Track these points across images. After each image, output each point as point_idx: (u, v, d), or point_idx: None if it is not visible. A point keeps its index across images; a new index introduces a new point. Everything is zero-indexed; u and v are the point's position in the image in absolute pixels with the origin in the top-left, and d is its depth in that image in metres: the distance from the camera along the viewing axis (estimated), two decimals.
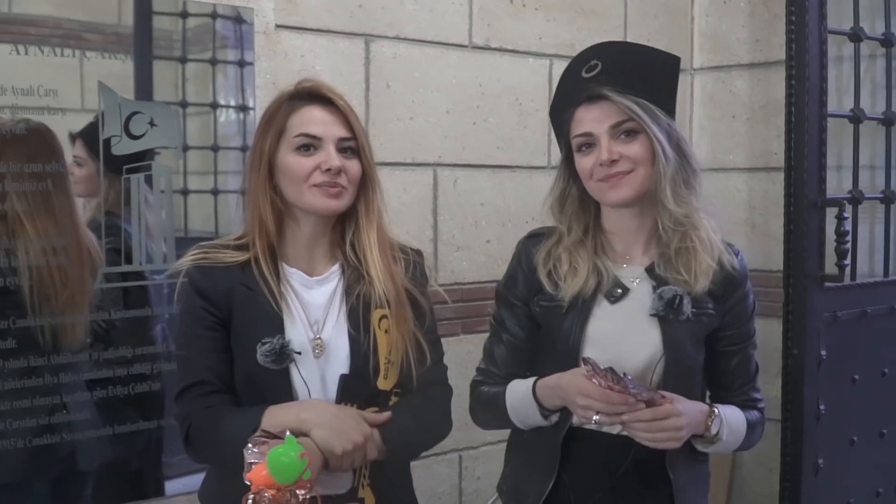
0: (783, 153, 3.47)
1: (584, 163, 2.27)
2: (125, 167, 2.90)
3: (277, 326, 2.16)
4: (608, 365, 2.11)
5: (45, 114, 2.76)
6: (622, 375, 2.08)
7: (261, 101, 3.10)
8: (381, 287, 2.21)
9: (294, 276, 2.23)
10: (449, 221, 3.65)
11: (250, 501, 1.92)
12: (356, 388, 2.20)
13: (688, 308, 2.24)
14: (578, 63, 2.33)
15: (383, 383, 2.22)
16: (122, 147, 2.88)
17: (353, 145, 2.20)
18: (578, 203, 2.37)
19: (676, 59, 2.38)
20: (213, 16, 3.12)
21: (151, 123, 2.92)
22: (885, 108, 3.73)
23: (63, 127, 2.80)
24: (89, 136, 2.83)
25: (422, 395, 2.28)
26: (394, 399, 2.26)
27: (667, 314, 2.24)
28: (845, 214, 3.42)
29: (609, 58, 2.31)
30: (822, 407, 3.46)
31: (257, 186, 2.20)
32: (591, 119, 2.26)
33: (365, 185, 2.24)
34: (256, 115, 3.09)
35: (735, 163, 4.23)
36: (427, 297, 2.35)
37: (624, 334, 2.28)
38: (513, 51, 3.77)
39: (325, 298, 2.24)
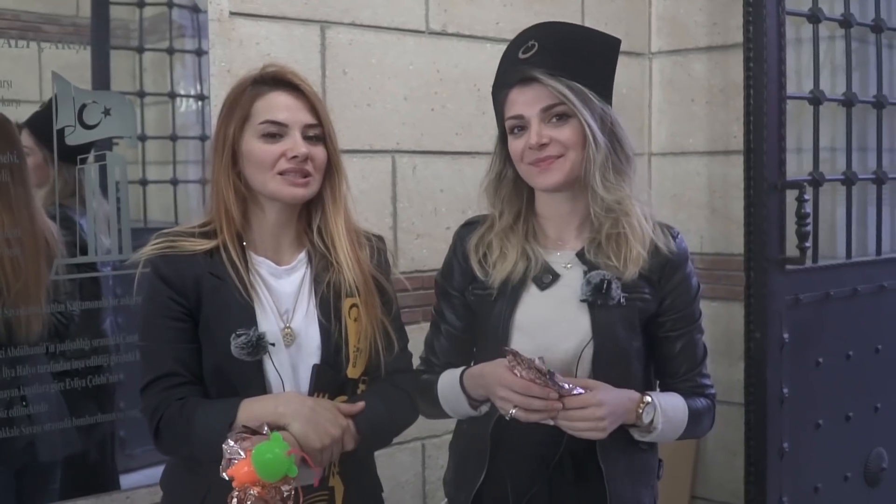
0: (742, 136, 3.51)
1: (515, 145, 2.27)
2: (79, 157, 2.88)
3: (249, 317, 2.15)
4: (538, 354, 2.11)
5: (0, 105, 2.75)
6: (547, 370, 2.08)
7: (216, 90, 3.10)
8: (351, 275, 2.22)
9: (262, 264, 2.22)
10: (408, 209, 3.66)
11: (235, 500, 1.94)
12: (328, 378, 2.21)
13: (617, 292, 2.22)
14: (516, 43, 2.33)
15: (352, 371, 2.24)
16: (77, 137, 2.86)
17: (319, 132, 2.21)
18: (513, 186, 2.37)
19: (616, 42, 2.37)
20: (170, 5, 3.12)
21: (106, 113, 2.90)
22: (844, 89, 3.76)
23: (20, 118, 2.80)
24: (36, 125, 2.82)
25: (390, 382, 2.30)
26: (361, 387, 2.27)
27: (595, 299, 2.23)
28: (805, 196, 3.46)
29: (546, 38, 2.30)
30: (785, 390, 3.50)
31: (220, 172, 2.19)
32: (523, 101, 2.26)
33: (331, 171, 2.25)
34: (212, 104, 3.09)
35: (694, 146, 4.26)
36: (391, 283, 2.36)
37: (552, 320, 2.28)
38: (470, 36, 3.77)
39: (294, 287, 2.24)
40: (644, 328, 2.31)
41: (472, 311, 2.41)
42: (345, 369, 2.22)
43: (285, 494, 1.97)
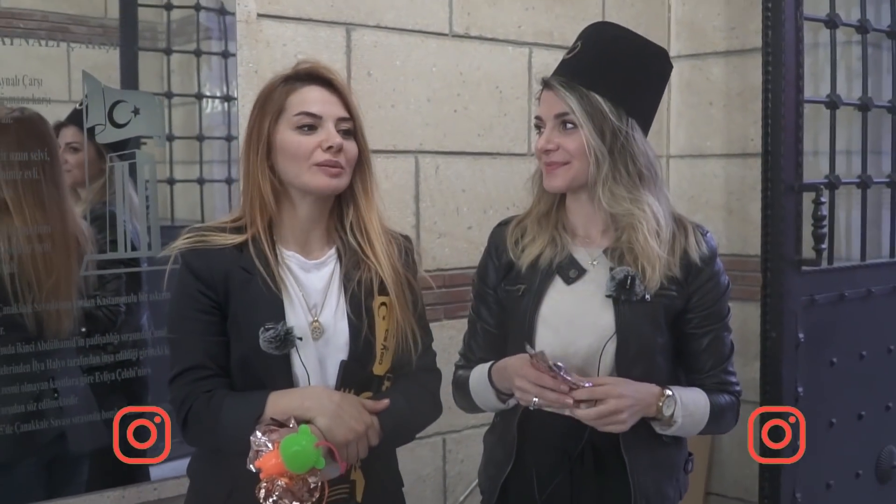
0: (760, 139, 3.49)
1: (536, 143, 2.32)
2: (109, 155, 2.91)
3: (278, 310, 2.15)
4: (562, 348, 2.20)
5: (30, 103, 2.77)
6: (553, 363, 2.10)
7: (243, 90, 3.12)
8: (385, 272, 2.22)
9: (291, 259, 2.22)
10: (430, 208, 3.67)
11: (263, 491, 1.97)
12: (354, 374, 2.21)
13: (641, 288, 2.24)
14: (574, 42, 2.36)
15: (378, 368, 2.24)
16: (106, 135, 2.89)
17: (351, 126, 2.21)
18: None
19: (660, 52, 2.38)
20: (197, 7, 3.14)
21: (135, 112, 2.92)
22: (860, 93, 3.74)
23: (49, 117, 2.81)
24: (80, 121, 2.85)
25: (414, 380, 2.30)
26: (386, 384, 2.27)
27: (619, 294, 2.25)
28: (822, 199, 3.45)
29: (590, 41, 2.32)
30: (800, 389, 3.49)
31: (256, 166, 2.19)
32: (544, 105, 2.32)
33: (361, 166, 2.25)
34: (239, 104, 3.11)
35: (712, 149, 4.26)
36: (418, 283, 2.36)
37: (577, 315, 2.30)
38: (492, 39, 3.78)
39: (324, 282, 2.24)
40: (672, 324, 2.32)
41: (504, 307, 2.43)
42: (371, 366, 2.22)
43: (312, 486, 2.00)
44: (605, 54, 2.29)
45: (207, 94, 3.21)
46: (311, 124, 2.15)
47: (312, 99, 2.18)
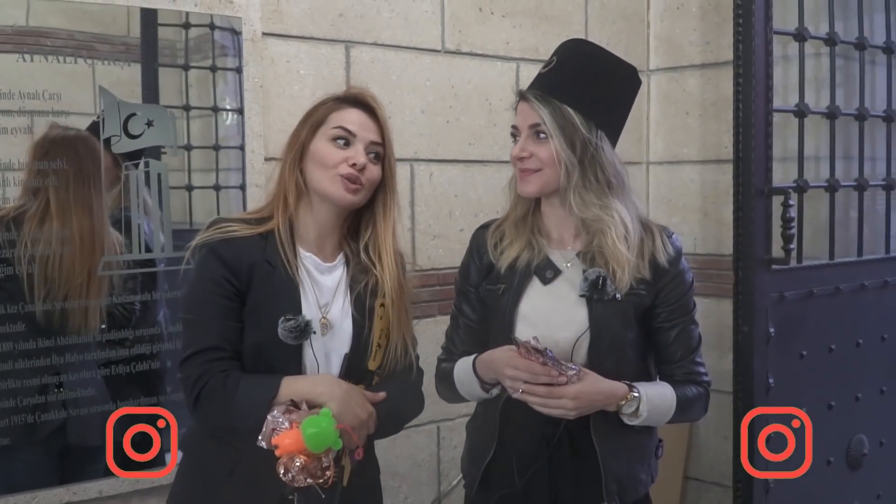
0: (732, 146, 3.63)
1: (512, 151, 2.45)
2: (124, 164, 3.06)
3: (296, 303, 2.30)
4: (535, 337, 2.30)
5: (51, 116, 2.94)
6: (544, 349, 2.26)
7: (249, 103, 3.28)
8: (385, 283, 2.37)
9: (307, 258, 2.36)
10: (425, 212, 3.83)
11: (282, 468, 2.11)
12: (355, 367, 2.37)
13: (612, 288, 2.38)
14: (550, 56, 2.49)
15: (371, 364, 2.39)
16: (122, 146, 3.04)
17: (381, 152, 2.36)
18: None
19: (630, 70, 2.51)
20: (212, 27, 3.28)
21: (149, 124, 3.08)
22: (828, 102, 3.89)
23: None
24: (98, 132, 3.00)
25: (402, 377, 2.44)
26: (376, 379, 2.42)
27: (591, 294, 2.39)
28: (790, 202, 3.59)
29: (565, 57, 2.46)
30: (770, 380, 3.63)
31: (287, 165, 2.35)
32: (520, 116, 2.45)
33: (385, 190, 2.40)
34: (246, 116, 3.28)
35: (688, 156, 4.41)
36: (410, 293, 2.51)
37: (552, 312, 2.44)
38: (482, 55, 3.93)
39: (334, 283, 2.38)
40: (641, 320, 2.46)
41: (485, 304, 2.57)
42: (367, 361, 2.38)
43: (325, 465, 2.14)
44: (579, 70, 2.43)
45: (223, 106, 3.36)
46: (345, 139, 2.31)
47: (352, 119, 2.33)
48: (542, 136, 2.39)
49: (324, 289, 2.37)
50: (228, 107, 3.36)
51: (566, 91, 2.39)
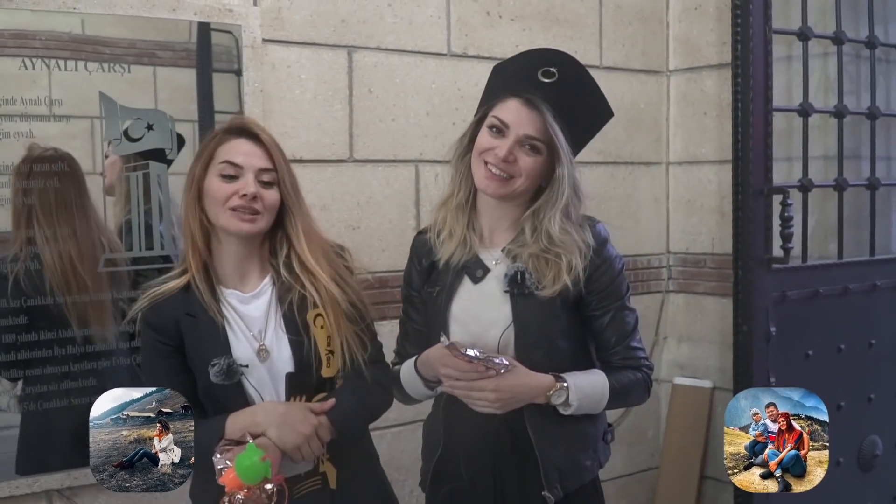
0: (732, 145, 3.59)
1: (484, 140, 2.40)
2: (125, 166, 3.12)
3: (223, 346, 2.34)
4: (470, 341, 2.34)
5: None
6: (464, 350, 2.28)
7: (248, 108, 3.30)
8: (311, 286, 2.37)
9: (231, 295, 2.40)
10: (430, 212, 3.78)
11: (227, 502, 2.16)
12: (302, 382, 2.39)
13: (531, 281, 2.36)
14: (541, 58, 2.43)
15: (326, 371, 2.41)
16: (122, 149, 3.10)
17: (273, 178, 2.35)
18: (468, 170, 2.49)
19: (610, 113, 2.50)
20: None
21: (149, 127, 3.13)
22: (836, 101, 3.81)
23: None
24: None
25: (360, 375, 2.44)
26: (340, 382, 2.44)
27: (513, 289, 2.38)
28: (789, 201, 3.52)
29: (568, 75, 2.40)
30: (772, 379, 3.56)
31: (188, 206, 2.36)
32: (516, 117, 2.37)
33: (288, 211, 2.40)
34: None
35: (706, 156, 4.33)
36: (356, 286, 2.50)
37: (481, 310, 2.44)
38: (490, 58, 3.87)
39: (262, 311, 2.40)
40: (573, 309, 2.43)
41: (427, 307, 2.58)
42: (318, 371, 2.39)
43: (270, 492, 2.18)
44: (577, 95, 2.41)
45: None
46: (232, 174, 2.30)
47: (237, 150, 2.33)
48: (532, 148, 2.36)
49: (251, 319, 2.40)
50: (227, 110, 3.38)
51: (565, 111, 2.37)
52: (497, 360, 2.30)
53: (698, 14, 4.31)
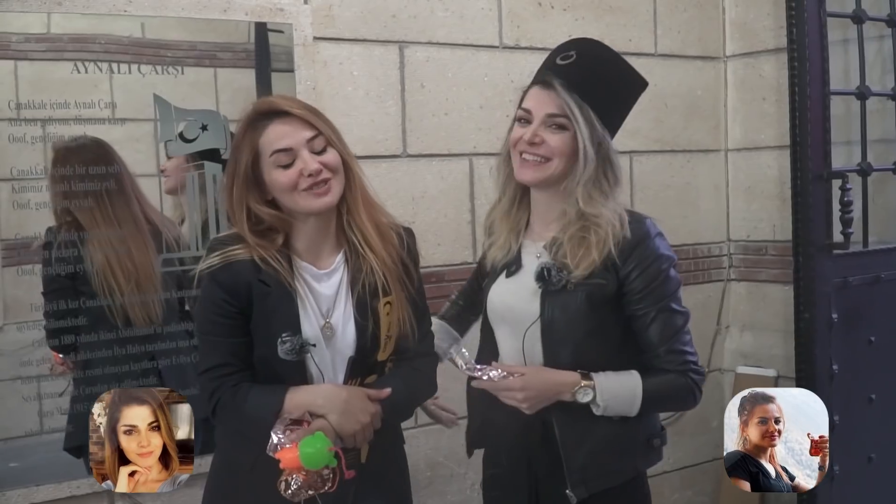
0: (789, 130, 3.46)
1: (515, 133, 2.35)
2: (184, 166, 3.10)
3: (293, 321, 2.26)
4: (510, 332, 2.36)
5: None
6: (466, 365, 2.31)
7: None
8: (381, 271, 2.30)
9: (305, 269, 2.31)
10: (486, 205, 3.63)
11: (283, 483, 2.14)
12: (361, 366, 2.33)
13: (559, 277, 2.27)
14: (561, 49, 2.39)
15: (381, 356, 2.35)
16: (177, 149, 3.08)
17: (322, 141, 2.25)
18: (510, 171, 2.43)
19: (643, 82, 2.41)
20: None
21: (203, 128, 3.09)
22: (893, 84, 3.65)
23: None
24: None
25: (411, 364, 2.40)
26: (389, 366, 2.38)
27: (542, 285, 2.30)
28: (848, 186, 3.39)
29: (585, 54, 2.35)
30: (835, 367, 3.44)
31: (257, 207, 2.27)
32: (536, 101, 2.33)
33: (346, 173, 2.30)
34: None
35: (765, 141, 4.19)
36: (418, 272, 2.44)
37: (512, 303, 2.39)
38: (542, 49, 3.75)
39: (333, 290, 2.33)
40: (611, 307, 2.32)
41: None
42: (376, 354, 2.33)
43: (325, 476, 2.16)
44: (597, 70, 2.34)
45: None
46: (287, 162, 2.22)
47: (279, 135, 2.23)
48: (557, 126, 2.29)
49: (322, 297, 2.32)
50: None
51: (586, 89, 2.29)
52: (482, 369, 2.30)
53: None
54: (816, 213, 3.40)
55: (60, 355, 2.97)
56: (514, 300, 2.38)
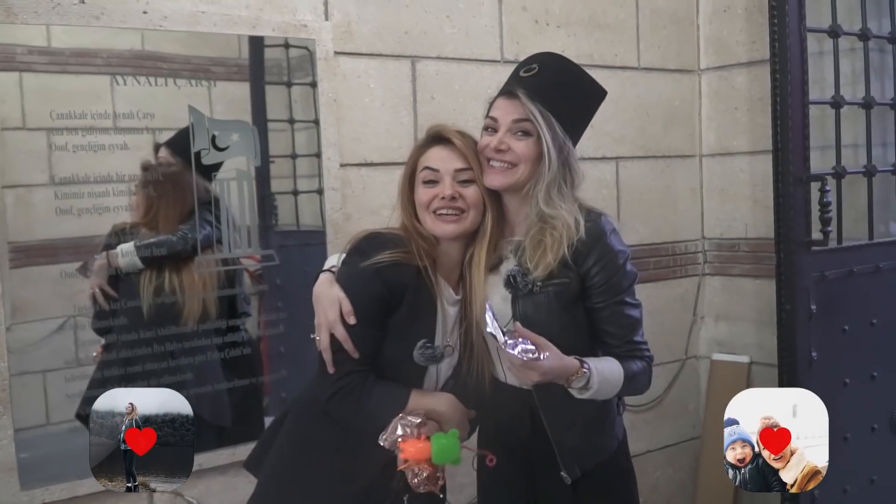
0: (772, 137, 3.64)
1: (483, 141, 2.44)
2: (213, 174, 3.19)
3: (431, 330, 2.40)
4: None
5: (165, 132, 3.11)
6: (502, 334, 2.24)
7: (323, 115, 3.39)
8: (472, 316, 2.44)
9: (445, 289, 2.44)
10: None
11: (410, 473, 2.25)
12: (451, 385, 2.51)
13: (526, 281, 2.37)
14: (525, 62, 2.51)
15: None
16: (210, 158, 3.16)
17: (470, 175, 2.40)
18: None
19: (602, 92, 2.54)
20: (286, 46, 3.39)
21: (234, 138, 3.19)
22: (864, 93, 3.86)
23: None
24: (173, 144, 3.13)
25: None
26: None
27: (509, 291, 2.40)
28: (827, 188, 3.58)
29: (546, 66, 2.46)
30: (814, 354, 3.62)
31: (411, 223, 2.43)
32: (502, 110, 2.43)
33: (484, 210, 2.44)
34: (321, 128, 3.38)
35: (738, 147, 4.40)
36: None
37: (491, 300, 2.41)
38: None
39: (455, 316, 2.47)
40: (576, 304, 2.43)
41: None
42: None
43: (439, 476, 2.30)
44: (560, 81, 2.45)
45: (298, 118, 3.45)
46: (432, 179, 2.38)
47: (434, 157, 2.41)
48: (522, 132, 2.40)
49: (449, 318, 2.46)
50: (305, 118, 3.44)
51: (549, 98, 2.40)
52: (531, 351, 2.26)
53: (727, 15, 4.38)
54: (797, 213, 3.59)
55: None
56: (495, 296, 2.44)
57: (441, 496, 2.41)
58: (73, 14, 2.92)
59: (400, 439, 2.25)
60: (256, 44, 3.29)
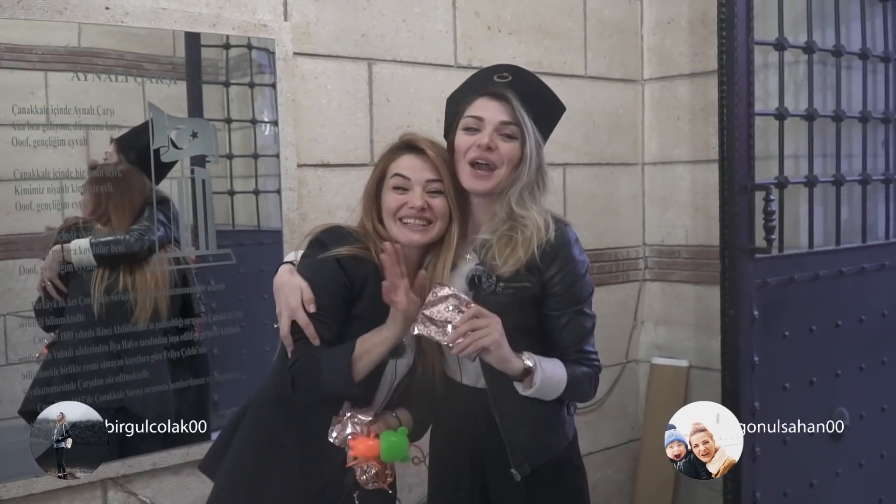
0: (718, 147, 3.64)
1: (464, 141, 2.43)
2: (169, 172, 3.11)
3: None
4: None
5: (104, 130, 3.00)
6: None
7: (283, 116, 3.33)
8: None
9: None
10: None
11: (359, 470, 2.26)
12: (405, 383, 2.50)
13: (489, 282, 2.36)
14: (493, 70, 2.52)
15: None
16: (169, 156, 3.08)
17: (440, 187, 2.38)
18: None
19: (563, 107, 2.57)
20: (249, 47, 3.33)
21: (193, 136, 3.12)
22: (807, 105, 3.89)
23: None
24: (123, 142, 3.04)
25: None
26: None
27: (470, 290, 2.38)
28: (771, 197, 3.60)
29: (518, 77, 2.49)
30: (756, 359, 3.64)
31: (373, 224, 2.42)
32: (490, 110, 2.42)
33: (451, 220, 2.43)
34: (280, 128, 3.32)
35: (680, 156, 4.43)
36: None
37: None
38: None
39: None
40: (534, 307, 2.43)
41: None
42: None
43: (388, 473, 2.31)
44: (532, 91, 2.47)
45: (260, 119, 3.40)
46: (402, 186, 2.36)
47: (406, 165, 2.38)
48: (508, 135, 2.40)
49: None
50: (266, 119, 3.40)
51: (527, 102, 2.43)
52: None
53: (671, 27, 4.40)
54: (741, 221, 3.60)
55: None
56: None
57: (390, 492, 2.40)
58: (37, 8, 2.84)
59: (350, 437, 2.25)
60: (193, 41, 3.21)
